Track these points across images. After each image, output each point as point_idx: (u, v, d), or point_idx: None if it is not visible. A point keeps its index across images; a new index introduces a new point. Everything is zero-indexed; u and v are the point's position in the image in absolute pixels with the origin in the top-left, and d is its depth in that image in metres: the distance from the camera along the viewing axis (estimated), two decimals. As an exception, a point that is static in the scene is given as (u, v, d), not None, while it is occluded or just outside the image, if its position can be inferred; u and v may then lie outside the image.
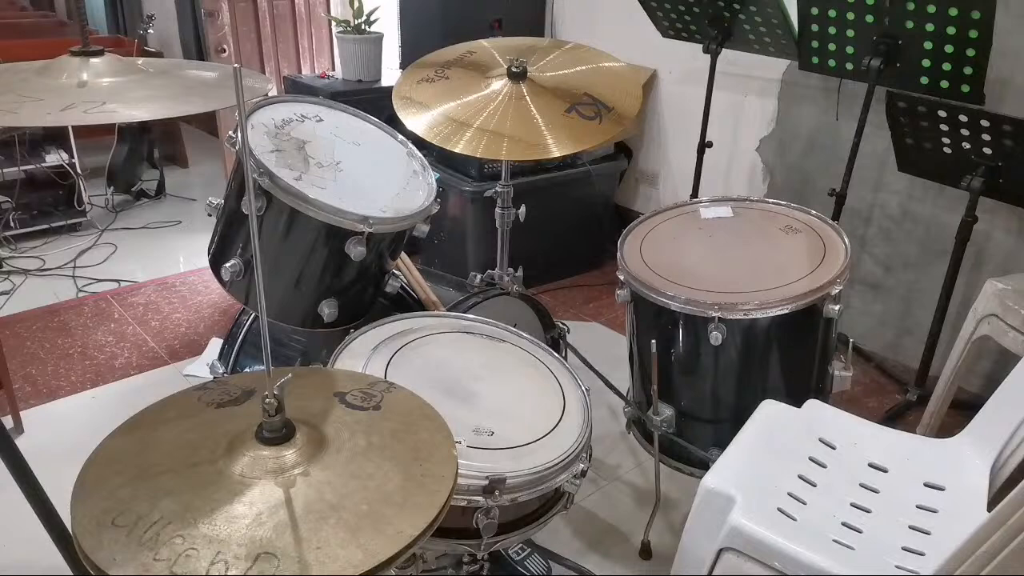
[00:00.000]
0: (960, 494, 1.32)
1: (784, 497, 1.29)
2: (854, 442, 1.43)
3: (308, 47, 3.91)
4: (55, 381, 2.45)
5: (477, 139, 1.54)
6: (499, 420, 1.24)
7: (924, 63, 2.08)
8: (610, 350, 2.20)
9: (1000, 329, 1.89)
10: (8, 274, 3.17)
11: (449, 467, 0.89)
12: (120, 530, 0.76)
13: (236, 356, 1.76)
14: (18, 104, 0.94)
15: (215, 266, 1.53)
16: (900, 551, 1.20)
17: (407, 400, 1.03)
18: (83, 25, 1.21)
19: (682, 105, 3.17)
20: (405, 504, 0.82)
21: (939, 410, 2.10)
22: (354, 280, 1.50)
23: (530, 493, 1.17)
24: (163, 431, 0.93)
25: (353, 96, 3.15)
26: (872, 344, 2.70)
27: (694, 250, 1.73)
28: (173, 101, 1.07)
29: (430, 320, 1.51)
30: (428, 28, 3.23)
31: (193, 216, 3.86)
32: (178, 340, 2.72)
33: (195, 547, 0.75)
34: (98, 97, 0.98)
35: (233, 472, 0.84)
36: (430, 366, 1.34)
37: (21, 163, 3.36)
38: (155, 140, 4.09)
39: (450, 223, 2.98)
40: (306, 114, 1.55)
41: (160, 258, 3.40)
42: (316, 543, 0.76)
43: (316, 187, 1.40)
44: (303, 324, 1.51)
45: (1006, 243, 2.32)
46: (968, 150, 2.02)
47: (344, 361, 1.31)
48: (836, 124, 2.57)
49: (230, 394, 1.00)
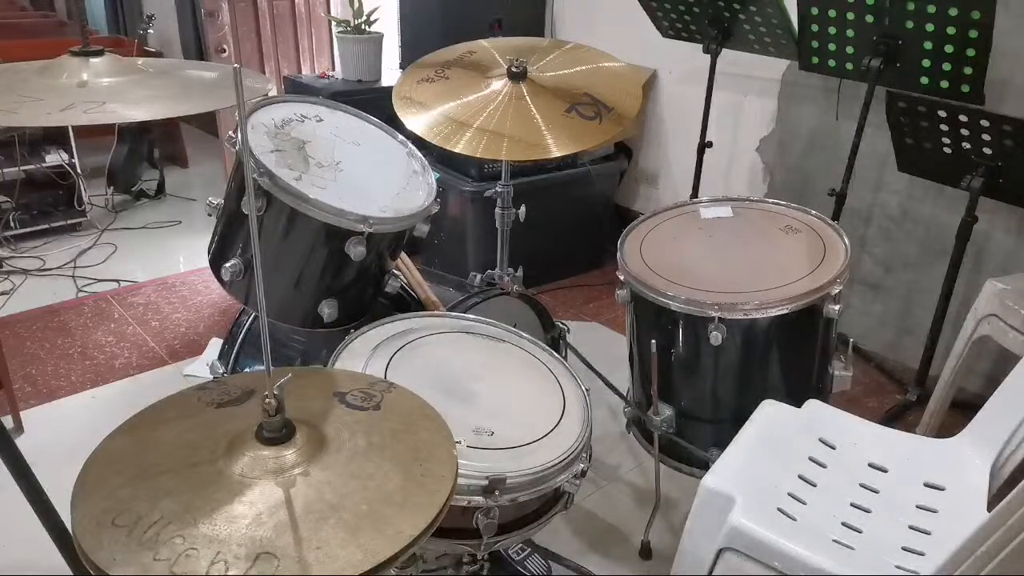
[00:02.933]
0: (960, 494, 1.32)
1: (784, 497, 1.29)
2: (854, 442, 1.43)
3: (308, 47, 3.92)
4: (55, 381, 2.45)
5: (477, 139, 1.54)
6: (499, 420, 1.24)
7: (924, 63, 2.08)
8: (610, 350, 2.19)
9: (1000, 329, 1.89)
10: (8, 274, 3.17)
11: (449, 467, 0.89)
12: (120, 530, 0.76)
13: (236, 356, 1.76)
14: (18, 104, 0.94)
15: (215, 266, 1.53)
16: (900, 551, 1.20)
17: (407, 400, 1.03)
18: (83, 25, 1.21)
19: (682, 105, 3.17)
20: (405, 504, 0.82)
21: (939, 410, 2.10)
22: (354, 280, 1.50)
23: (530, 493, 1.17)
24: (163, 431, 0.93)
25: (353, 96, 3.15)
26: (872, 344, 2.69)
27: (694, 250, 1.73)
28: (173, 101, 1.07)
29: (430, 320, 1.51)
30: (428, 28, 3.23)
31: (193, 216, 3.86)
32: (178, 340, 2.72)
33: (195, 547, 0.75)
34: (98, 97, 0.98)
35: (233, 472, 0.84)
36: (430, 366, 1.34)
37: (21, 163, 3.36)
38: (155, 140, 4.09)
39: (450, 223, 2.98)
40: (306, 114, 1.55)
41: (160, 258, 3.40)
42: (316, 543, 0.76)
43: (316, 187, 1.40)
44: (303, 324, 1.51)
45: (1006, 243, 2.32)
46: (968, 150, 2.02)
47: (344, 361, 1.31)
48: (836, 124, 2.56)
49: (230, 394, 1.00)
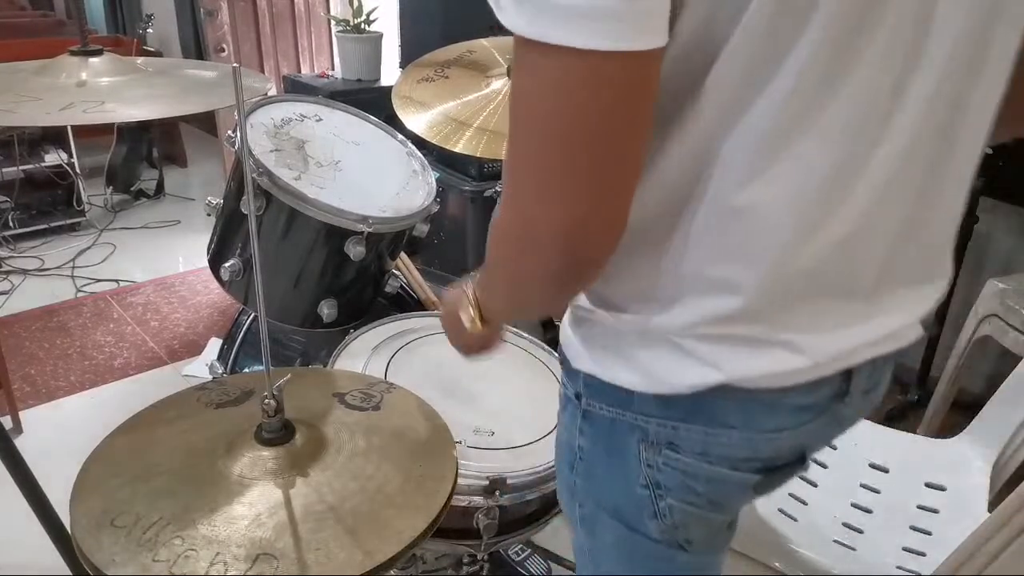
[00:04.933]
0: (961, 494, 1.31)
1: (785, 497, 1.29)
2: (855, 442, 1.43)
3: (308, 46, 3.91)
4: (54, 381, 2.45)
5: (477, 139, 1.54)
6: (499, 420, 1.24)
7: (924, 63, 2.07)
8: (610, 350, 2.19)
9: (1001, 329, 1.88)
10: (7, 274, 3.17)
11: (449, 467, 0.89)
12: (119, 531, 0.76)
13: (235, 356, 1.75)
14: (17, 104, 0.94)
15: (214, 266, 1.52)
16: (901, 551, 1.20)
17: (407, 400, 1.03)
18: (82, 25, 1.21)
19: (682, 105, 3.16)
20: (405, 505, 0.82)
21: (940, 410, 2.09)
22: (353, 280, 1.50)
23: (531, 493, 1.16)
24: (162, 431, 0.92)
25: (353, 96, 3.14)
26: (872, 344, 2.69)
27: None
28: (172, 100, 1.07)
29: (430, 320, 1.51)
30: (428, 28, 3.22)
31: (192, 216, 3.85)
32: (177, 340, 2.72)
33: (194, 548, 0.74)
34: (97, 97, 0.98)
35: (232, 473, 0.84)
36: (430, 366, 1.34)
37: (20, 163, 3.36)
38: (154, 140, 4.08)
39: (450, 223, 2.98)
40: (305, 113, 1.55)
41: (159, 258, 3.40)
42: (315, 544, 0.75)
43: (315, 187, 1.40)
44: (302, 324, 1.51)
45: (1006, 243, 2.32)
46: (968, 150, 2.02)
47: (344, 361, 1.31)
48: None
49: (229, 394, 1.00)
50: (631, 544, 0.78)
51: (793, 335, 0.65)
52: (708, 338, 0.65)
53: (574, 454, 0.77)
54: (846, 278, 0.65)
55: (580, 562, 0.85)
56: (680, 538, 0.76)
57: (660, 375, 0.67)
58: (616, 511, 0.77)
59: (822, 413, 0.71)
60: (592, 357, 0.73)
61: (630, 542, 0.77)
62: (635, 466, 0.72)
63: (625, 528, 0.76)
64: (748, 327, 0.64)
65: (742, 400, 0.66)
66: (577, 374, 0.74)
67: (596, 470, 0.77)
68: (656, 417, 0.69)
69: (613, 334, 0.71)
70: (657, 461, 0.71)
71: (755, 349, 0.65)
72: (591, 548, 0.82)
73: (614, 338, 0.71)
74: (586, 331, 0.74)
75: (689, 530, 0.76)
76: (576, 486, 0.79)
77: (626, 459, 0.73)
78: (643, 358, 0.68)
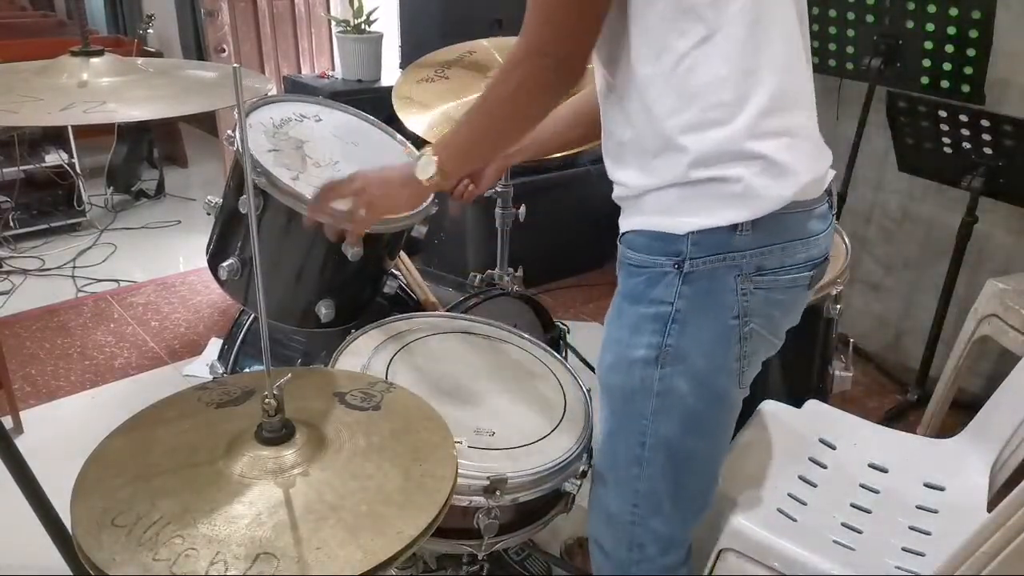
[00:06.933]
0: (960, 494, 1.32)
1: (784, 498, 1.29)
2: (854, 442, 1.43)
3: (308, 47, 3.91)
4: (55, 381, 2.45)
5: (477, 139, 1.53)
6: (500, 420, 1.24)
7: (924, 63, 2.08)
8: (610, 350, 2.19)
9: (1000, 329, 1.89)
10: (8, 274, 3.17)
11: (449, 467, 0.89)
12: (120, 530, 0.76)
13: (236, 356, 1.75)
14: (18, 104, 0.94)
15: (213, 265, 1.52)
16: (900, 552, 1.20)
17: (407, 400, 1.03)
18: (83, 25, 1.21)
19: (682, 105, 3.17)
20: (405, 504, 0.82)
21: (939, 410, 2.10)
22: (351, 280, 1.50)
23: (531, 493, 1.17)
24: (163, 431, 0.93)
25: (353, 96, 3.15)
26: (872, 344, 2.69)
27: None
28: (173, 101, 1.07)
29: (431, 320, 1.51)
30: (428, 28, 3.22)
31: (193, 216, 3.86)
32: (178, 340, 2.72)
33: (195, 547, 0.74)
34: (98, 97, 0.98)
35: (233, 472, 0.84)
36: (430, 367, 1.34)
37: (21, 163, 3.36)
38: (155, 140, 4.09)
39: (450, 223, 2.98)
40: (305, 113, 1.55)
41: (160, 258, 3.40)
42: (316, 543, 0.76)
43: (313, 187, 1.40)
44: (300, 324, 1.51)
45: (1006, 243, 2.32)
46: (968, 150, 2.02)
47: (344, 361, 1.31)
48: (836, 124, 2.56)
49: (229, 394, 1.00)
50: (707, 381, 1.02)
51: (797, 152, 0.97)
52: (771, 134, 0.94)
53: (666, 324, 1.00)
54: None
55: (629, 442, 1.08)
56: (743, 369, 1.03)
57: (759, 191, 0.93)
58: (705, 352, 1.01)
59: (828, 220, 1.05)
60: (699, 212, 0.96)
61: (706, 380, 1.02)
62: (731, 301, 0.98)
63: (705, 366, 1.01)
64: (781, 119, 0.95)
65: (799, 214, 0.98)
66: (682, 239, 0.97)
67: (691, 321, 0.99)
68: (750, 249, 0.96)
69: (718, 182, 0.94)
70: (748, 287, 0.98)
71: (811, 159, 1.00)
72: (657, 410, 1.04)
73: (718, 185, 0.95)
74: (688, 193, 0.96)
75: (751, 362, 1.03)
76: (667, 350, 1.01)
77: (723, 298, 0.98)
78: (746, 177, 0.93)
